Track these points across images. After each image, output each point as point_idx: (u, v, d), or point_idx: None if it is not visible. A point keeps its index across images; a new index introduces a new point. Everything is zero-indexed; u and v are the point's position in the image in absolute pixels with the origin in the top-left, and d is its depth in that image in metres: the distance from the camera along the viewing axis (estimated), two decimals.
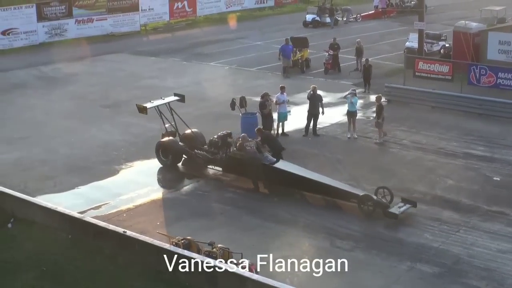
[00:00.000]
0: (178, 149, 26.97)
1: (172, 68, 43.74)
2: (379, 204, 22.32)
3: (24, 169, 26.98)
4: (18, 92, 38.50)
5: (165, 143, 27.01)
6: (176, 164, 27.00)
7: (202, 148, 26.71)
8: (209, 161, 26.24)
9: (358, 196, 22.66)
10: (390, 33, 52.27)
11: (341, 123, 31.50)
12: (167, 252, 18.16)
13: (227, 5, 63.55)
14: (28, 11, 51.26)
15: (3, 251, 20.25)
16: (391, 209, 22.13)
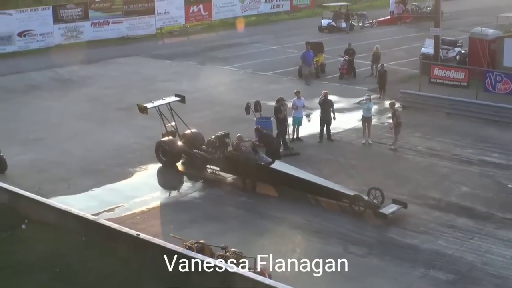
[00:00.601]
0: (177, 149, 27.41)
1: (187, 71, 43.78)
2: (370, 204, 22.69)
3: (39, 170, 27.05)
4: (33, 93, 38.65)
5: (165, 143, 27.48)
6: (175, 163, 27.47)
7: (200, 148, 27.04)
8: (207, 160, 26.60)
9: (349, 196, 23.09)
10: (405, 39, 52.13)
11: (356, 128, 31.44)
12: (180, 255, 18.19)
13: (243, 10, 63.60)
14: (45, 13, 51.47)
15: (17, 252, 20.30)
16: (381, 210, 22.46)
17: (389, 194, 23.63)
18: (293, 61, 43.50)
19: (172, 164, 27.41)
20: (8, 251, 20.37)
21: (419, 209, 23.19)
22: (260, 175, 24.97)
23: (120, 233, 19.99)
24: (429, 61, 39.88)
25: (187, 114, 30.84)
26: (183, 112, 28.65)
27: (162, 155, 27.49)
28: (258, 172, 24.91)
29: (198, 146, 27.21)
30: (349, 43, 42.12)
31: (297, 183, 24.45)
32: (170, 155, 27.34)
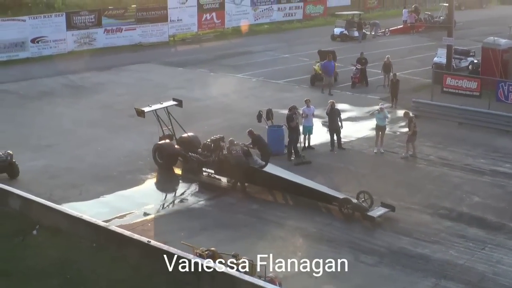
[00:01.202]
0: (173, 152, 27.96)
1: (200, 79, 43.83)
2: (358, 207, 23.15)
3: (51, 176, 27.13)
4: (46, 100, 38.77)
5: (161, 145, 28.10)
6: (171, 166, 27.99)
7: (196, 151, 27.44)
8: (203, 163, 27.05)
9: (338, 199, 23.56)
10: (418, 48, 52.05)
11: (368, 137, 31.40)
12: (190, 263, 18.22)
13: (256, 18, 63.64)
14: (58, 19, 51.64)
15: (28, 258, 20.34)
16: (369, 213, 22.90)
17: (400, 203, 23.81)
18: (306, 69, 43.55)
19: (169, 167, 27.96)
20: (19, 257, 20.42)
21: (431, 219, 23.15)
22: (253, 178, 25.58)
23: (131, 239, 20.01)
24: (441, 70, 39.81)
25: (198, 121, 31.09)
26: (195, 120, 28.87)
27: (159, 157, 28.04)
28: (251, 175, 25.49)
29: (194, 149, 27.59)
30: (361, 52, 42.11)
31: (289, 186, 24.98)
32: (167, 158, 27.88)
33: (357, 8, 66.36)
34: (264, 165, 25.80)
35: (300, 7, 66.62)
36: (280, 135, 29.23)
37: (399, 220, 22.94)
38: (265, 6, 64.16)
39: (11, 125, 33.58)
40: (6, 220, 22.80)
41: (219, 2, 60.60)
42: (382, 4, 73.11)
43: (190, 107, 35.71)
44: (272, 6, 64.54)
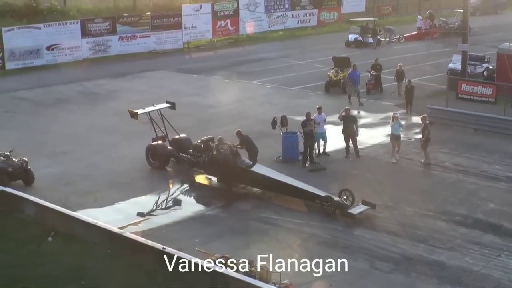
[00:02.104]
0: (165, 153, 28.81)
1: (214, 86, 43.88)
2: (339, 204, 23.94)
3: (66, 183, 27.21)
4: (61, 107, 38.90)
5: (154, 146, 28.97)
6: (164, 166, 28.77)
7: (187, 152, 28.26)
8: (193, 163, 27.91)
9: (320, 197, 24.30)
10: (433, 54, 51.91)
11: (382, 143, 31.34)
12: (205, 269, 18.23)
13: (270, 24, 63.66)
14: (73, 27, 51.83)
15: (43, 265, 20.40)
16: (350, 210, 23.65)
17: (415, 210, 23.90)
18: (320, 76, 43.53)
19: (161, 167, 28.68)
20: (34, 263, 20.49)
21: (446, 225, 23.08)
22: (240, 177, 26.29)
23: (146, 246, 20.03)
24: (456, 76, 39.70)
25: (213, 128, 31.17)
26: (209, 127, 28.99)
27: (152, 158, 28.85)
28: (238, 174, 26.19)
29: (185, 150, 28.37)
30: (376, 59, 42.03)
31: (275, 185, 25.57)
32: (159, 159, 28.68)
33: (372, 14, 66.22)
34: (251, 165, 26.37)
35: (314, 13, 66.57)
36: (294, 142, 29.23)
37: (414, 226, 22.88)
38: (279, 13, 64.15)
39: (26, 132, 33.71)
40: (21, 227, 22.92)
41: (233, 9, 60.68)
42: (396, 10, 72.98)
43: (204, 113, 35.87)
44: (287, 12, 64.53)
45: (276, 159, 29.28)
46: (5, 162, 26.69)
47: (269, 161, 28.82)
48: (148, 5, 65.53)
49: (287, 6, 64.54)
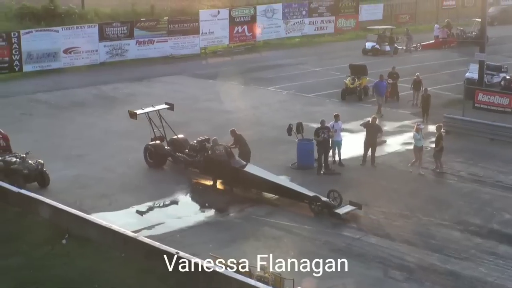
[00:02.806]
0: (163, 152, 29.57)
1: (230, 91, 43.89)
2: (327, 204, 24.53)
3: (81, 186, 27.27)
4: (77, 110, 39.02)
5: (152, 146, 29.72)
6: (161, 165, 29.51)
7: (183, 152, 28.98)
8: (189, 163, 28.66)
9: (309, 197, 24.92)
10: (450, 63, 51.79)
11: (398, 152, 31.33)
12: (218, 274, 18.21)
13: (287, 31, 63.70)
14: (90, 30, 52.03)
15: (57, 267, 20.44)
16: (336, 210, 24.28)
17: (430, 219, 23.84)
18: (336, 83, 43.47)
19: (158, 166, 29.42)
20: (48, 266, 20.54)
21: (461, 235, 22.98)
22: (234, 177, 26.84)
23: (160, 250, 20.02)
24: (473, 86, 39.57)
25: (228, 134, 30.94)
26: (225, 132, 28.95)
27: (149, 157, 29.62)
28: (232, 175, 26.78)
29: (182, 150, 29.05)
30: (393, 67, 41.96)
31: (267, 185, 26.18)
32: (156, 158, 29.48)
33: (389, 22, 66.19)
34: (245, 165, 26.95)
35: (332, 21, 66.58)
36: (310, 149, 29.21)
37: (428, 235, 22.81)
38: (297, 20, 64.18)
39: (42, 135, 33.84)
40: (36, 229, 22.98)
41: (250, 15, 60.76)
42: (414, 19, 72.85)
43: (220, 119, 35.89)
44: (304, 19, 64.54)
45: (291, 166, 29.26)
46: (21, 164, 26.79)
47: (284, 168, 28.82)
48: (165, 10, 65.66)
49: (305, 13, 64.55)
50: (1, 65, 48.01)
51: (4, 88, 44.35)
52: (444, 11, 73.73)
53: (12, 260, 20.99)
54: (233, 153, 27.51)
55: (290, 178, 27.63)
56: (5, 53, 47.90)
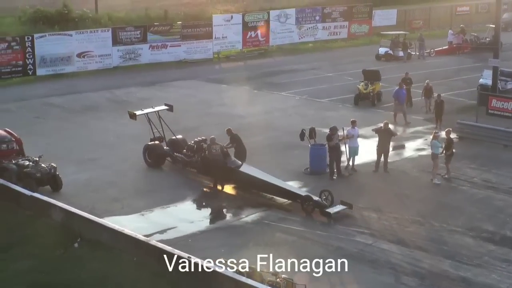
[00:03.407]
0: (162, 152, 30.31)
1: (243, 96, 43.93)
2: (318, 204, 25.07)
3: (93, 190, 27.32)
4: (90, 114, 39.11)
5: (151, 146, 30.50)
6: (160, 165, 30.21)
7: (181, 152, 29.73)
8: (186, 163, 29.42)
9: (301, 196, 25.58)
10: (463, 69, 51.65)
11: (411, 158, 31.27)
12: (228, 279, 18.20)
13: (300, 36, 63.72)
14: (104, 35, 52.23)
15: (69, 270, 20.47)
16: (327, 209, 24.81)
17: (443, 225, 23.70)
18: (350, 88, 43.42)
19: (157, 166, 30.10)
20: (60, 269, 20.58)
21: (473, 242, 22.88)
22: (230, 177, 27.57)
23: (171, 255, 20.01)
24: (487, 92, 39.42)
25: (241, 138, 31.02)
26: (240, 137, 28.97)
27: (148, 157, 30.33)
28: (227, 174, 27.49)
29: (180, 150, 29.79)
30: (406, 72, 41.82)
31: (260, 184, 26.80)
32: (155, 158, 30.19)
33: (403, 28, 66.11)
34: (240, 165, 27.54)
35: (345, 26, 66.58)
36: (322, 154, 29.16)
37: (441, 242, 22.73)
38: (310, 25, 64.22)
39: (55, 138, 33.94)
40: (48, 232, 23.03)
41: (264, 20, 60.81)
42: (427, 24, 72.74)
43: (233, 124, 35.70)
44: (317, 24, 64.57)
45: (303, 171, 29.22)
46: (34, 167, 26.87)
47: (296, 173, 28.78)
48: (179, 14, 65.86)
49: (318, 18, 64.60)
50: (15, 69, 48.28)
51: (18, 92, 44.57)
52: (457, 16, 73.59)
53: (24, 263, 21.06)
54: (228, 153, 28.10)
55: (303, 183, 27.58)
56: (19, 57, 48.19)
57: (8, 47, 47.80)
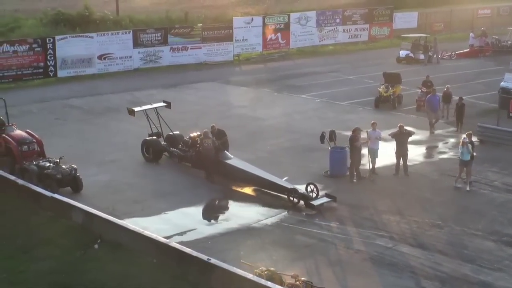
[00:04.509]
0: (159, 148, 31.47)
1: (263, 98, 43.92)
2: (304, 196, 25.99)
3: (113, 191, 27.40)
4: (111, 115, 39.24)
5: (149, 141, 31.66)
6: (157, 160, 31.29)
7: (177, 147, 30.92)
8: (182, 158, 30.58)
9: (287, 189, 26.37)
10: (484, 72, 51.37)
11: (431, 161, 31.14)
12: (248, 281, 18.18)
13: (320, 39, 63.68)
14: (125, 37, 52.42)
15: (88, 272, 20.53)
16: (312, 201, 25.74)
17: (464, 229, 23.59)
18: (370, 91, 43.30)
19: (155, 160, 31.16)
20: (80, 270, 20.64)
21: (494, 246, 22.75)
22: (220, 170, 28.53)
23: (191, 257, 20.05)
24: (508, 95, 39.20)
25: (261, 141, 31.26)
26: (257, 139, 29.09)
27: (146, 152, 31.43)
28: (218, 167, 28.56)
29: (177, 146, 30.98)
30: (427, 75, 41.69)
31: (249, 177, 27.79)
32: (153, 153, 31.23)
33: (424, 30, 65.90)
34: (230, 158, 28.71)
35: (366, 28, 66.46)
36: (343, 157, 29.10)
37: (461, 246, 22.63)
38: (330, 27, 64.16)
39: (76, 140, 34.07)
40: (68, 234, 23.11)
41: (284, 23, 60.81)
42: (448, 27, 72.49)
43: (253, 126, 35.93)
44: (338, 27, 64.51)
45: (323, 174, 29.16)
46: (55, 169, 27.01)
47: (316, 176, 28.71)
48: (199, 17, 66.03)
49: (338, 21, 64.51)
50: (36, 71, 48.55)
51: (39, 93, 44.78)
52: (479, 19, 73.18)
53: (45, 264, 21.15)
54: (220, 147, 29.11)
55: (323, 186, 27.51)
56: (40, 58, 48.46)
57: (30, 49, 48.10)
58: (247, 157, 30.20)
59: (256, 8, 75.58)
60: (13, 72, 47.70)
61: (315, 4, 73.14)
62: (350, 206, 25.92)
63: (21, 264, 21.25)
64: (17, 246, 22.48)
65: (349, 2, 77.84)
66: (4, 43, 47.78)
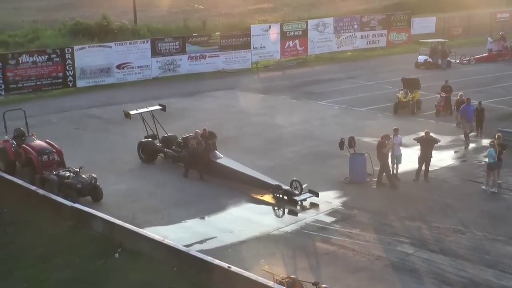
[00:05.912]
0: (154, 149, 32.68)
1: (282, 106, 43.91)
2: (287, 192, 27.03)
3: (133, 200, 27.44)
4: (130, 124, 39.13)
5: (144, 143, 32.79)
6: (152, 160, 32.47)
7: (171, 148, 32.08)
8: (176, 158, 31.67)
9: (272, 185, 27.47)
10: (504, 77, 51.16)
11: (452, 166, 30.99)
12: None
13: (339, 45, 63.65)
14: (143, 46, 52.61)
15: (109, 281, 20.57)
16: (295, 197, 26.76)
17: (485, 234, 23.46)
18: (389, 97, 43.17)
19: (150, 161, 32.31)
20: (101, 279, 20.68)
21: None
22: (210, 168, 29.78)
23: (212, 265, 20.04)
24: None
25: (280, 148, 31.22)
26: (277, 147, 29.05)
27: (142, 153, 32.60)
28: (208, 166, 29.83)
29: (170, 147, 32.11)
30: (446, 80, 41.56)
31: (236, 175, 28.96)
32: (148, 154, 32.41)
33: (442, 35, 65.71)
34: (220, 158, 29.96)
35: (384, 34, 66.40)
36: (362, 163, 29.02)
37: (483, 251, 22.49)
38: (348, 34, 64.16)
39: (95, 149, 34.17)
40: (89, 243, 23.16)
41: (302, 30, 60.83)
42: (467, 32, 72.26)
43: (272, 133, 35.92)
44: (356, 33, 64.50)
45: (343, 180, 29.09)
46: (75, 178, 27.10)
47: (336, 182, 28.67)
48: (217, 25, 66.18)
49: (356, 27, 64.52)
50: (55, 81, 48.83)
51: (58, 103, 45.01)
52: (497, 23, 72.97)
53: (66, 273, 21.21)
54: (210, 146, 30.42)
55: (343, 193, 27.44)
56: (59, 68, 48.75)
57: (49, 59, 48.40)
58: (267, 164, 30.25)
59: (274, 15, 75.67)
60: (33, 83, 48.01)
61: (332, 11, 73.13)
62: (370, 212, 25.84)
63: (41, 273, 21.32)
64: (37, 255, 22.56)
65: (367, 8, 77.87)
66: (23, 54, 48.09)
